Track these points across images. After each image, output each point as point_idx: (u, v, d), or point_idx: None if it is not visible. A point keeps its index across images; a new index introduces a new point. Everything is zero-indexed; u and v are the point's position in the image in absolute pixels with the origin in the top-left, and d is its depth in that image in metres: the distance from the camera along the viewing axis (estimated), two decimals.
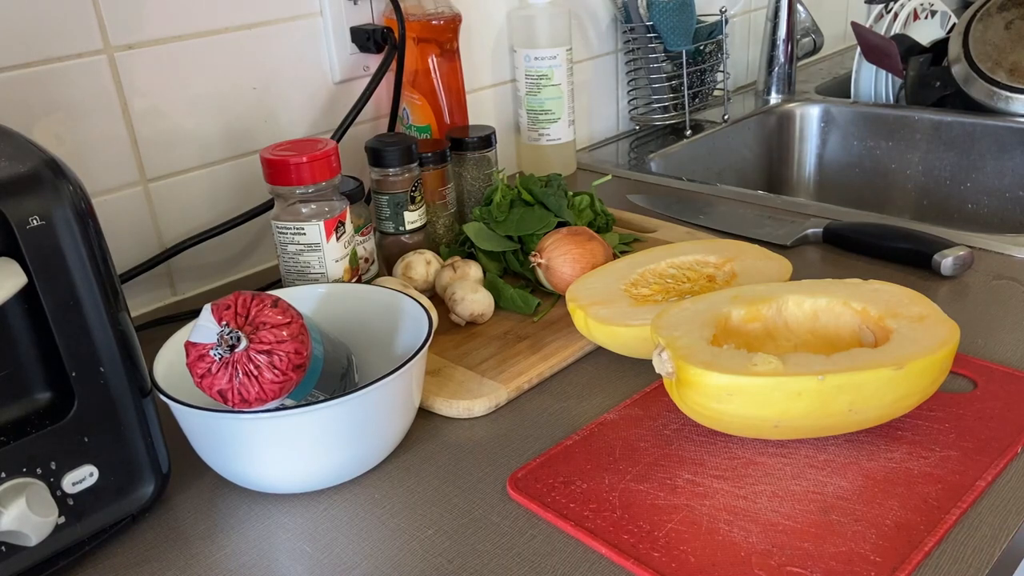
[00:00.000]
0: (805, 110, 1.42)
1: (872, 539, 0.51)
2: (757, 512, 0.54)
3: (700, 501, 0.55)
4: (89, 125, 0.79)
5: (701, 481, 0.57)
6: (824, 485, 0.56)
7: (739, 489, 0.56)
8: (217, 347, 0.51)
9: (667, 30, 1.22)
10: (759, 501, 0.55)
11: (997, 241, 0.87)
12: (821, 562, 0.50)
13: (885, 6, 1.40)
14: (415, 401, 0.62)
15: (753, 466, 0.58)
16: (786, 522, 0.53)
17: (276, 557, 0.54)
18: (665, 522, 0.54)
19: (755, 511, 0.54)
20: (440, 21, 0.94)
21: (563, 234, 0.79)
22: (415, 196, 0.84)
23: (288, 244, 0.75)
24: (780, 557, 0.50)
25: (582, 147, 1.27)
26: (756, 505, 0.55)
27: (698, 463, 0.59)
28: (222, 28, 0.85)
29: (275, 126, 0.92)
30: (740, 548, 0.51)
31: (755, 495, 0.56)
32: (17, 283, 0.47)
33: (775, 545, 0.51)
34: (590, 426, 0.63)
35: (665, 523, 0.54)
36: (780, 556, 0.51)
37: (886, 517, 0.53)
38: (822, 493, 0.55)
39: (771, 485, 0.56)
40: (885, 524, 0.52)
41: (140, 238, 0.85)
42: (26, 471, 0.50)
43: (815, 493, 0.55)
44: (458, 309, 0.76)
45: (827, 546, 0.51)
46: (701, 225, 0.96)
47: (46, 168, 0.49)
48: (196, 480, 0.61)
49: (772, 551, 0.51)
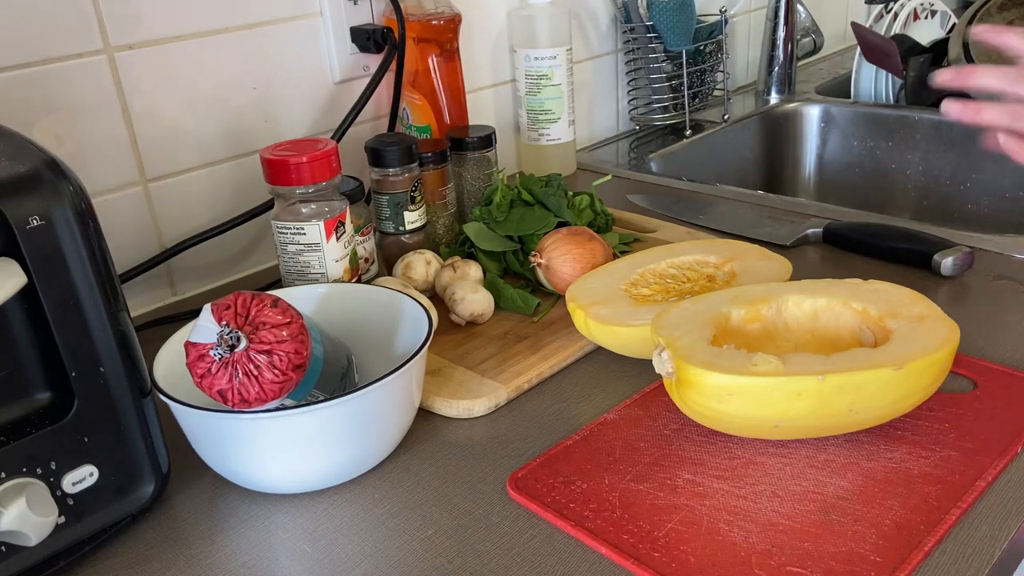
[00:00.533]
0: (805, 110, 1.42)
1: (872, 539, 0.51)
2: (757, 512, 0.54)
3: (700, 501, 0.55)
4: (89, 125, 0.79)
5: (701, 481, 0.57)
6: (824, 485, 0.56)
7: (739, 489, 0.56)
8: (217, 347, 0.51)
9: (667, 30, 1.22)
10: (759, 501, 0.55)
11: (997, 241, 0.87)
12: (821, 562, 0.50)
13: (885, 6, 1.40)
14: (415, 401, 0.62)
15: (753, 466, 0.58)
16: (786, 522, 0.53)
17: (276, 557, 0.54)
18: (665, 522, 0.54)
19: (755, 511, 0.54)
20: (440, 21, 0.94)
21: (563, 234, 0.79)
22: (415, 196, 0.84)
23: (288, 244, 0.75)
24: (780, 557, 0.50)
25: (582, 147, 1.27)
26: (756, 505, 0.55)
27: (698, 463, 0.59)
28: (222, 28, 0.85)
29: (275, 126, 0.92)
30: (740, 548, 0.51)
31: (755, 495, 0.56)
32: (17, 283, 0.47)
33: (775, 545, 0.51)
34: (590, 426, 0.64)
35: (665, 523, 0.54)
36: (780, 556, 0.51)
37: (886, 517, 0.53)
38: (822, 493, 0.55)
39: (771, 485, 0.56)
40: (885, 524, 0.52)
41: (140, 238, 0.85)
42: (26, 471, 0.50)
43: (815, 493, 0.55)
44: (458, 309, 0.76)
45: (827, 546, 0.51)
46: (701, 225, 0.96)
47: (46, 168, 0.49)
48: (196, 480, 0.61)
49: (772, 551, 0.51)
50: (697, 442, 0.61)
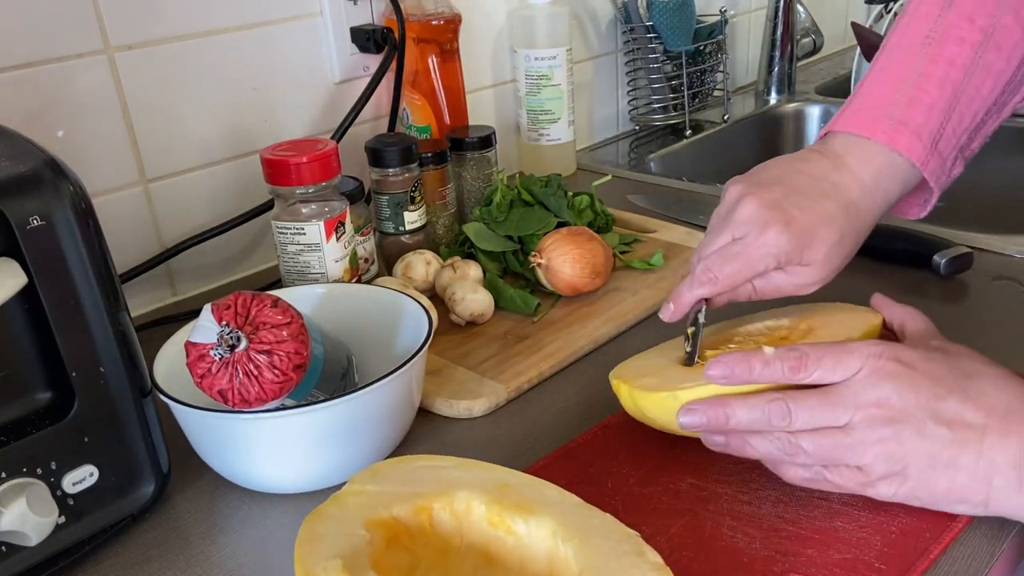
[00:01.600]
0: (805, 110, 1.42)
1: (877, 546, 0.50)
2: (761, 517, 0.53)
3: (703, 506, 0.55)
4: (89, 125, 0.79)
5: (705, 485, 0.57)
6: (830, 492, 0.54)
7: (743, 494, 0.56)
8: (217, 347, 0.51)
9: (667, 30, 1.22)
10: (763, 506, 0.54)
11: (997, 241, 0.87)
12: (825, 569, 0.49)
13: (885, 6, 1.40)
14: (415, 401, 0.62)
15: (758, 470, 0.57)
16: (790, 528, 0.52)
17: (276, 557, 0.54)
18: (668, 527, 0.53)
19: (759, 516, 0.54)
20: (440, 21, 0.94)
21: (563, 234, 0.79)
22: (415, 196, 0.85)
23: (288, 244, 0.75)
24: (783, 564, 0.50)
25: (582, 147, 1.27)
26: (760, 510, 0.54)
27: (702, 467, 0.58)
28: (222, 28, 0.85)
29: (275, 126, 0.92)
30: (743, 554, 0.51)
31: (759, 500, 0.55)
32: (17, 283, 0.47)
33: (778, 551, 0.51)
34: (594, 429, 0.63)
35: (668, 528, 0.53)
36: (783, 563, 0.50)
37: (892, 524, 0.52)
38: (828, 499, 0.54)
39: (776, 490, 0.55)
40: (891, 531, 0.51)
41: (140, 238, 0.85)
42: (26, 471, 0.50)
43: (820, 499, 0.54)
44: (458, 309, 0.76)
45: (831, 553, 0.50)
46: (701, 225, 0.96)
47: (46, 168, 0.49)
48: (196, 480, 0.61)
49: (775, 557, 0.50)
50: (702, 446, 0.59)
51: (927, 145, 0.60)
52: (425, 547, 0.48)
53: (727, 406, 0.52)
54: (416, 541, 0.48)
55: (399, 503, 0.47)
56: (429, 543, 0.48)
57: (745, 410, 0.51)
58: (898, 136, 0.60)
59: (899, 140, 0.60)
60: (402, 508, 0.47)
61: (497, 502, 0.47)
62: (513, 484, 0.48)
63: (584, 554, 0.44)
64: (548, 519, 0.46)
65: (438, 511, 0.48)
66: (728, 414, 0.52)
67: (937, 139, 0.60)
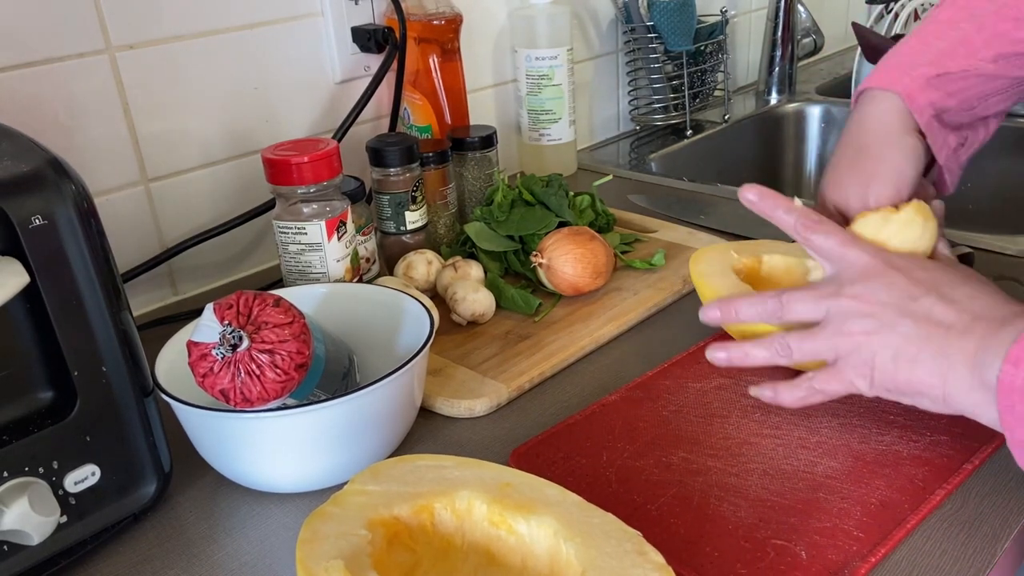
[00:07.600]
0: (805, 110, 1.42)
1: (857, 516, 0.53)
2: (748, 489, 0.56)
3: (693, 478, 0.57)
4: (90, 125, 0.79)
5: (695, 459, 0.59)
6: (815, 465, 0.57)
7: (732, 467, 0.58)
8: (219, 346, 0.51)
9: (668, 30, 1.22)
10: (750, 479, 0.57)
11: (997, 241, 0.87)
12: (805, 536, 0.51)
13: (886, 6, 1.40)
14: (417, 401, 0.62)
15: (747, 446, 0.60)
16: (775, 499, 0.55)
17: (277, 556, 0.54)
18: (658, 496, 0.55)
19: (746, 488, 0.56)
20: (441, 21, 0.94)
21: (564, 234, 0.79)
22: (416, 196, 0.85)
23: (289, 244, 0.75)
24: (766, 531, 0.52)
25: (583, 147, 1.27)
26: (747, 483, 0.56)
27: (694, 442, 0.60)
28: (223, 28, 0.85)
29: (276, 126, 0.92)
30: (728, 521, 0.53)
31: (747, 473, 0.57)
32: (19, 282, 0.47)
33: (762, 519, 0.53)
34: (592, 406, 0.65)
35: (658, 497, 0.55)
36: (766, 530, 0.52)
37: (872, 496, 0.54)
38: (812, 473, 0.57)
39: (763, 464, 0.58)
40: (871, 502, 0.54)
41: (141, 238, 0.85)
42: (28, 470, 0.50)
43: (805, 472, 0.57)
44: (459, 309, 0.76)
45: (812, 521, 0.52)
46: (702, 225, 0.96)
47: (48, 168, 0.49)
48: (198, 479, 0.61)
49: (759, 525, 0.53)
50: (695, 423, 0.63)
51: (916, 79, 0.63)
52: (426, 547, 0.48)
53: (734, 303, 0.59)
54: (417, 541, 0.48)
55: (400, 503, 0.48)
56: (430, 543, 0.48)
57: (747, 306, 0.58)
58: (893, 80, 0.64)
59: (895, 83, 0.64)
60: (403, 508, 0.48)
61: (498, 501, 0.48)
62: (514, 484, 0.49)
63: (586, 553, 0.44)
64: (549, 518, 0.46)
65: (439, 511, 0.48)
66: (736, 309, 0.59)
67: (920, 70, 0.63)
